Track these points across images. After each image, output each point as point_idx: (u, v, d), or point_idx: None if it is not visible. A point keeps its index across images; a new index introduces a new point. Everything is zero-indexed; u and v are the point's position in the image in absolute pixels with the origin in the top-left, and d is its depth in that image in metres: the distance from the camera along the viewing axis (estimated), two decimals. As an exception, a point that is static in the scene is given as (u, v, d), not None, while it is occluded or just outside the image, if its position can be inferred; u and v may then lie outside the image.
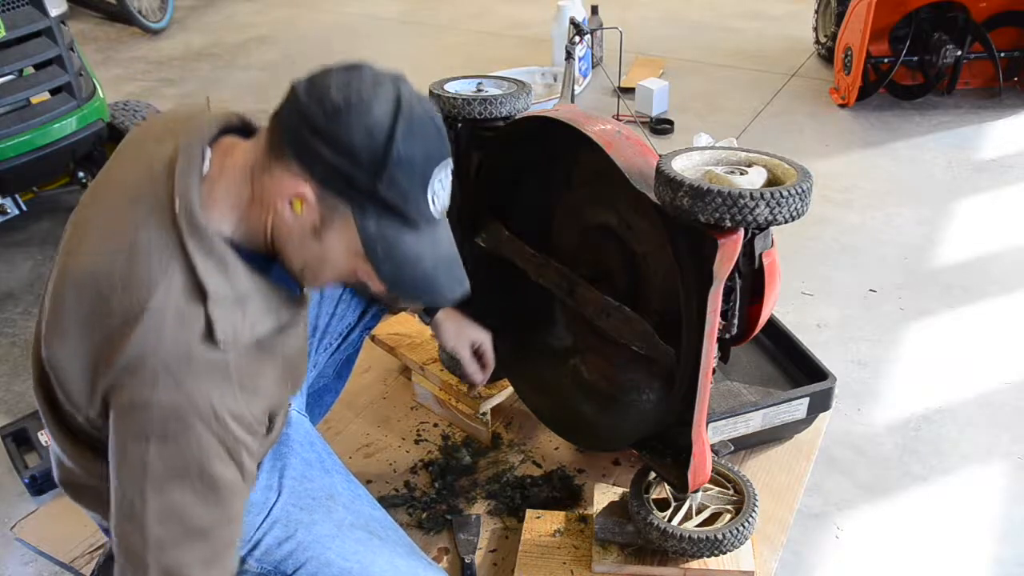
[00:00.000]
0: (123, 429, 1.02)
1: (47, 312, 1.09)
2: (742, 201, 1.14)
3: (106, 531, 1.36)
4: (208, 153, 1.09)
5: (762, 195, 1.15)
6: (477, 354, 1.72)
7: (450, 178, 1.07)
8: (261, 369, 1.10)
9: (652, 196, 1.28)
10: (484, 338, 1.71)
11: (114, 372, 1.00)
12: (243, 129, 1.16)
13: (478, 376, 1.72)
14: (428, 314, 1.70)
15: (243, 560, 1.31)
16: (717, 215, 1.16)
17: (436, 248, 1.09)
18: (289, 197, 1.02)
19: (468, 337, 1.70)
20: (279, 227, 1.06)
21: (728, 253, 1.22)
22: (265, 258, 1.11)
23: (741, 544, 1.49)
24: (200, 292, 1.01)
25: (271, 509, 1.33)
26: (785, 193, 1.16)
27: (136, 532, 1.03)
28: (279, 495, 1.35)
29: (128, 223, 1.05)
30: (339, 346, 1.71)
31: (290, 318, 1.14)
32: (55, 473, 1.30)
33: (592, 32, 3.96)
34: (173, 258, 1.01)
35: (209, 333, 1.01)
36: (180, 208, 1.02)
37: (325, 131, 0.98)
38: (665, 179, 1.21)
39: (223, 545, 1.09)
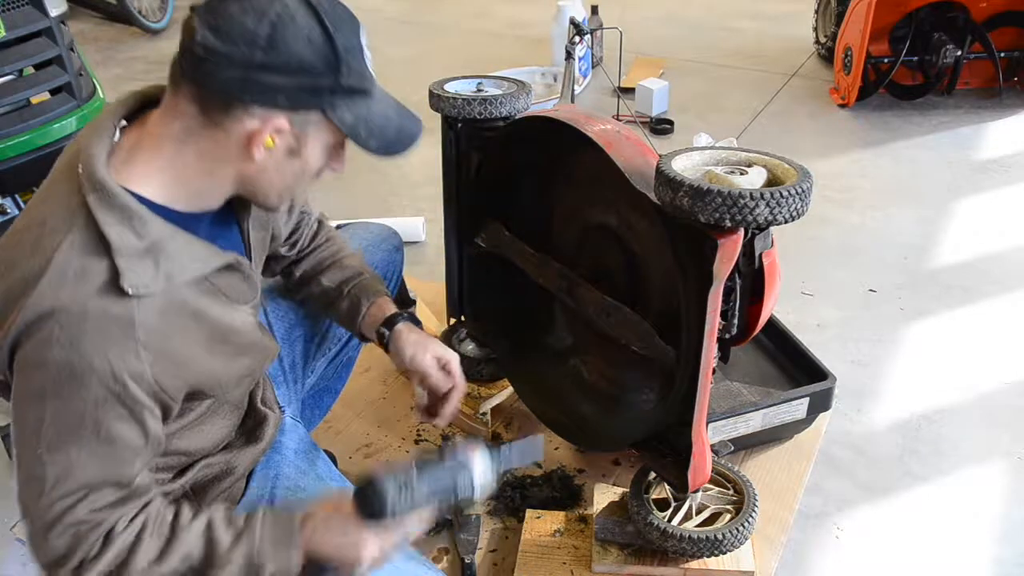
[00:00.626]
0: (21, 387, 1.01)
1: None
2: (742, 201, 1.14)
3: None
4: (121, 124, 1.08)
5: (762, 195, 1.15)
6: (444, 370, 1.47)
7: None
8: (178, 332, 1.05)
9: (652, 196, 1.28)
10: (451, 356, 1.48)
11: (15, 331, 0.98)
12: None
13: (443, 386, 1.46)
14: (388, 326, 1.47)
15: None
16: (717, 215, 1.16)
17: (387, 102, 1.13)
18: (265, 137, 1.02)
19: (433, 351, 1.46)
20: (248, 171, 1.06)
21: (728, 253, 1.22)
22: (197, 217, 1.09)
23: (741, 544, 1.49)
24: (104, 245, 0.98)
25: None
26: (785, 193, 1.16)
27: (34, 491, 1.00)
28: (272, 504, 1.34)
29: (42, 201, 1.06)
30: (339, 352, 1.70)
31: (230, 285, 1.13)
32: None
33: (592, 32, 3.96)
34: (75, 216, 1.00)
35: (115, 284, 0.98)
36: (82, 170, 1.01)
37: (271, 63, 0.98)
38: (665, 179, 1.21)
39: (122, 493, 1.05)
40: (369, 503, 1.13)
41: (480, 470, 1.19)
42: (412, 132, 1.17)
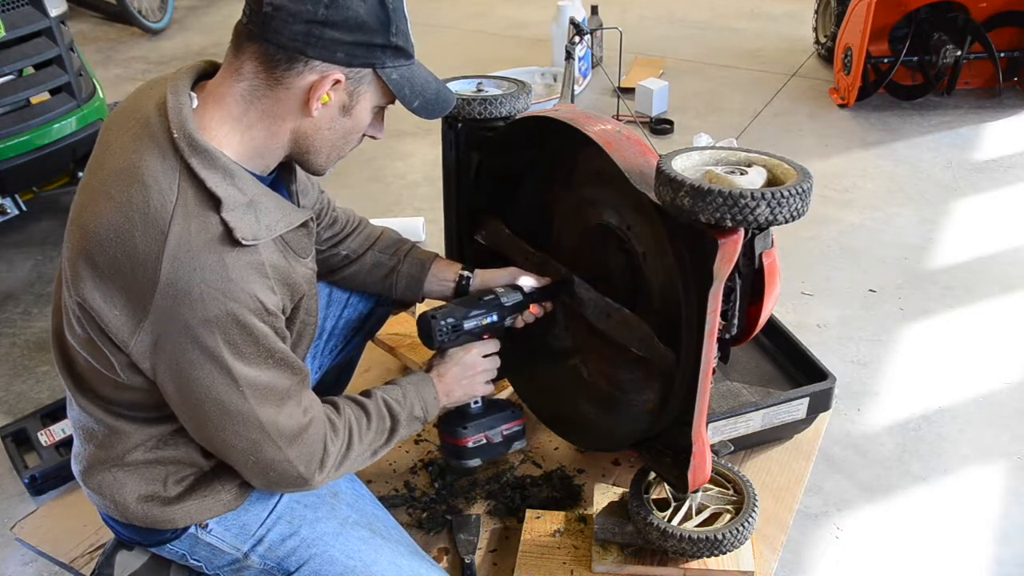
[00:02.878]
0: (189, 350, 1.08)
1: (68, 269, 1.12)
2: (743, 201, 1.14)
3: (108, 520, 1.36)
4: (192, 94, 1.15)
5: (763, 195, 1.15)
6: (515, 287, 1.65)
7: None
8: (290, 265, 1.19)
9: (652, 196, 1.28)
10: (513, 274, 1.64)
11: (161, 303, 1.05)
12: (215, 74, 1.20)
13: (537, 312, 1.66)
14: (467, 273, 1.67)
15: (246, 556, 1.32)
16: (718, 215, 1.16)
17: (426, 70, 1.23)
18: (325, 90, 1.11)
19: (510, 278, 1.64)
20: (304, 128, 1.15)
21: (728, 253, 1.22)
22: (266, 180, 1.19)
23: (741, 544, 1.49)
24: (213, 201, 1.07)
25: (275, 505, 1.34)
26: (786, 193, 1.16)
27: (249, 426, 1.15)
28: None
29: (132, 166, 1.09)
30: (343, 349, 1.72)
31: (298, 240, 1.23)
32: (77, 451, 1.30)
33: (592, 32, 3.96)
34: (181, 178, 1.07)
35: (230, 236, 1.07)
36: (178, 133, 1.08)
37: (331, 19, 1.07)
38: (666, 179, 1.21)
39: (300, 389, 1.21)
40: (424, 332, 1.48)
41: (509, 301, 1.55)
42: (449, 97, 1.25)
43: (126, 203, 1.06)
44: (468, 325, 1.49)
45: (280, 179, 1.29)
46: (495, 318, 1.52)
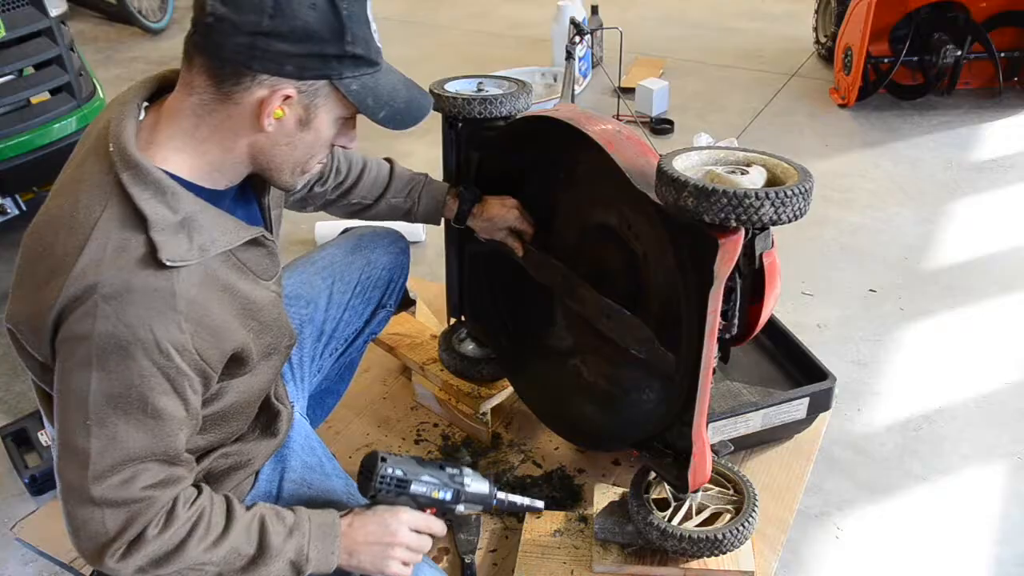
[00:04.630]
0: (66, 361, 1.02)
1: (12, 287, 1.10)
2: (747, 201, 1.14)
3: None
4: (143, 106, 1.12)
5: (767, 195, 1.15)
6: (516, 232, 1.72)
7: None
8: (213, 303, 1.08)
9: (653, 196, 1.28)
10: (513, 219, 1.70)
11: (59, 306, 1.00)
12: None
13: (519, 250, 1.73)
14: (458, 221, 1.72)
15: None
16: (723, 215, 1.16)
17: (395, 75, 1.15)
18: (275, 106, 1.03)
19: (499, 227, 1.71)
20: (260, 144, 1.08)
21: (729, 253, 1.22)
22: (219, 194, 1.12)
23: (741, 544, 1.49)
24: (140, 220, 1.01)
25: None
26: (790, 192, 1.16)
27: (80, 465, 1.02)
28: (278, 499, 1.36)
29: (71, 180, 1.07)
30: (344, 350, 1.72)
31: (256, 261, 1.15)
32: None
33: (592, 32, 3.96)
34: (111, 193, 1.02)
35: (154, 257, 1.00)
36: (113, 147, 1.04)
37: (277, 30, 0.99)
38: (668, 179, 1.21)
39: (167, 468, 1.07)
40: (364, 471, 1.24)
41: (472, 488, 1.30)
42: (422, 105, 1.17)
43: (56, 214, 1.05)
44: (415, 488, 1.25)
45: (250, 192, 1.24)
46: (448, 497, 1.28)
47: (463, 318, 2.04)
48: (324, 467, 1.44)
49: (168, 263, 1.01)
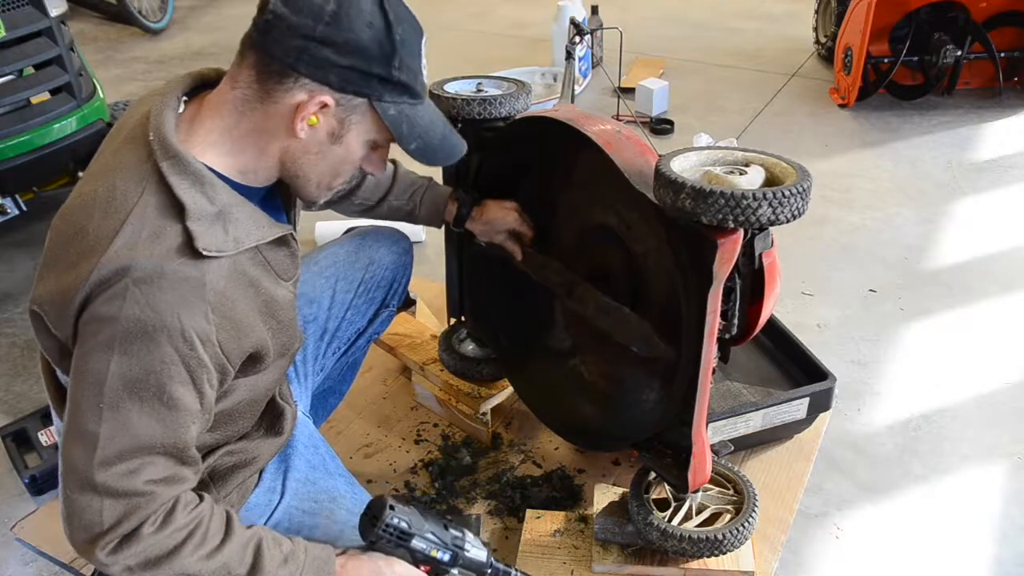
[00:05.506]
0: (88, 341, 1.01)
1: (38, 269, 1.10)
2: (745, 202, 1.14)
3: None
4: (183, 99, 1.13)
5: (764, 195, 1.15)
6: (515, 234, 1.73)
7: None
8: (239, 298, 1.09)
9: (652, 197, 1.28)
10: (512, 221, 1.71)
11: (88, 286, 1.00)
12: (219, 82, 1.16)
13: (518, 254, 1.73)
14: (457, 224, 1.73)
15: None
16: (720, 216, 1.16)
17: (436, 113, 1.17)
18: (311, 112, 1.05)
19: (498, 230, 1.72)
20: (293, 150, 1.10)
21: (728, 253, 1.22)
22: (255, 191, 1.14)
23: (741, 544, 1.49)
24: (178, 208, 1.03)
25: (274, 511, 1.34)
26: (787, 192, 1.16)
27: (87, 448, 1.00)
28: (282, 497, 1.36)
29: (107, 168, 1.08)
30: (347, 350, 1.71)
31: (279, 261, 1.16)
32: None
33: (592, 32, 3.96)
34: (149, 180, 1.04)
35: (189, 246, 1.02)
36: (153, 137, 1.05)
37: (329, 38, 1.02)
38: (666, 181, 1.21)
39: (174, 464, 1.06)
40: (368, 516, 1.23)
41: (471, 554, 1.29)
42: (456, 146, 1.20)
43: (91, 198, 1.05)
44: (416, 544, 1.24)
45: (278, 194, 1.25)
46: (445, 558, 1.27)
47: (463, 318, 2.04)
48: (327, 466, 1.44)
49: (204, 252, 1.02)
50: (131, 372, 1.00)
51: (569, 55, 3.22)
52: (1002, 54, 3.70)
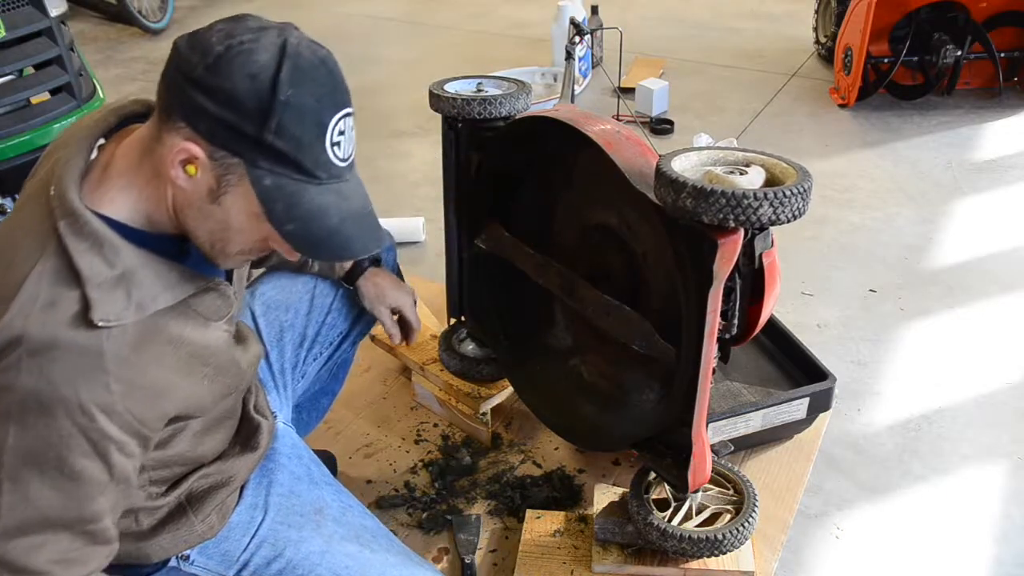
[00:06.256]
0: None
1: None
2: (746, 202, 1.14)
3: None
4: (99, 142, 1.05)
5: (765, 195, 1.15)
6: (399, 319, 1.67)
7: (352, 126, 1.01)
8: (152, 361, 1.02)
9: (652, 197, 1.28)
10: (405, 303, 1.66)
11: None
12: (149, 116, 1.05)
13: (396, 337, 1.69)
14: (348, 281, 1.63)
15: None
16: (721, 216, 1.16)
17: (343, 202, 1.01)
18: (181, 160, 0.95)
19: (386, 301, 1.65)
20: (178, 198, 1.00)
21: (728, 253, 1.22)
22: (179, 240, 1.05)
23: (741, 544, 1.49)
24: (75, 273, 0.95)
25: (257, 529, 1.31)
26: (788, 192, 1.16)
27: None
28: (265, 514, 1.33)
29: (14, 223, 1.03)
30: (331, 355, 1.67)
31: (207, 304, 1.09)
32: None
33: (592, 32, 3.96)
34: (47, 242, 0.97)
35: (85, 315, 0.94)
36: (54, 192, 0.99)
37: (206, 81, 0.92)
38: (667, 180, 1.21)
39: (80, 543, 1.01)
40: None
41: None
42: (350, 244, 1.02)
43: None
44: None
45: None
46: None
47: (463, 318, 2.04)
48: (313, 476, 1.42)
49: (100, 323, 0.94)
50: (29, 444, 0.94)
51: (569, 55, 3.22)
52: (1002, 54, 3.70)
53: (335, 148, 0.98)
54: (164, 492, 1.21)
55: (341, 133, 0.98)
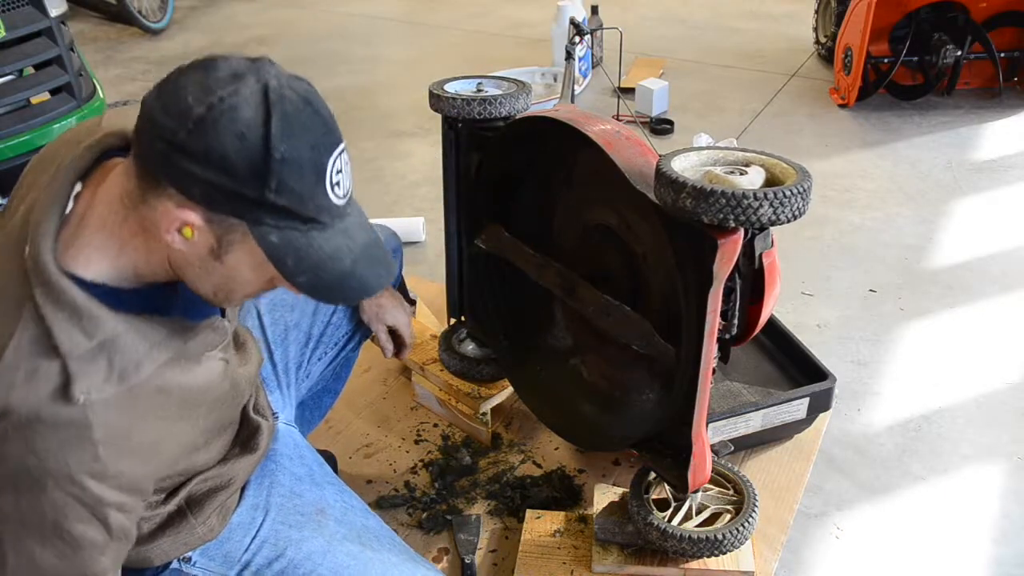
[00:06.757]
0: None
1: None
2: (746, 202, 1.14)
3: None
4: (77, 188, 0.99)
5: (765, 195, 1.15)
6: (393, 334, 1.68)
7: (348, 161, 0.97)
8: (142, 419, 1.00)
9: (652, 197, 1.28)
10: (402, 322, 1.66)
11: None
12: (128, 148, 0.99)
13: (388, 352, 1.68)
14: None
15: None
16: (721, 216, 1.16)
17: (350, 240, 0.98)
18: (176, 227, 0.91)
19: (384, 320, 1.65)
20: (176, 258, 0.96)
21: (728, 253, 1.22)
22: (167, 286, 1.02)
23: (741, 544, 1.49)
24: (54, 345, 0.92)
25: (259, 529, 1.31)
26: (788, 192, 1.16)
27: None
28: (266, 514, 1.33)
29: None
30: (336, 355, 1.67)
31: (197, 343, 1.07)
32: None
33: (592, 32, 3.96)
34: (24, 307, 0.93)
35: (66, 390, 0.91)
36: (29, 253, 0.94)
37: (191, 147, 0.86)
38: (667, 180, 1.21)
39: None
40: None
41: None
42: (364, 284, 1.00)
43: None
44: None
45: None
46: None
47: (463, 318, 2.04)
48: (315, 476, 1.42)
49: (80, 398, 0.92)
50: (26, 514, 0.94)
51: (569, 55, 3.22)
52: (1002, 54, 3.70)
53: (335, 188, 0.94)
54: (164, 500, 1.21)
55: (339, 171, 0.95)
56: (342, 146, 0.95)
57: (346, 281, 0.97)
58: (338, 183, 0.95)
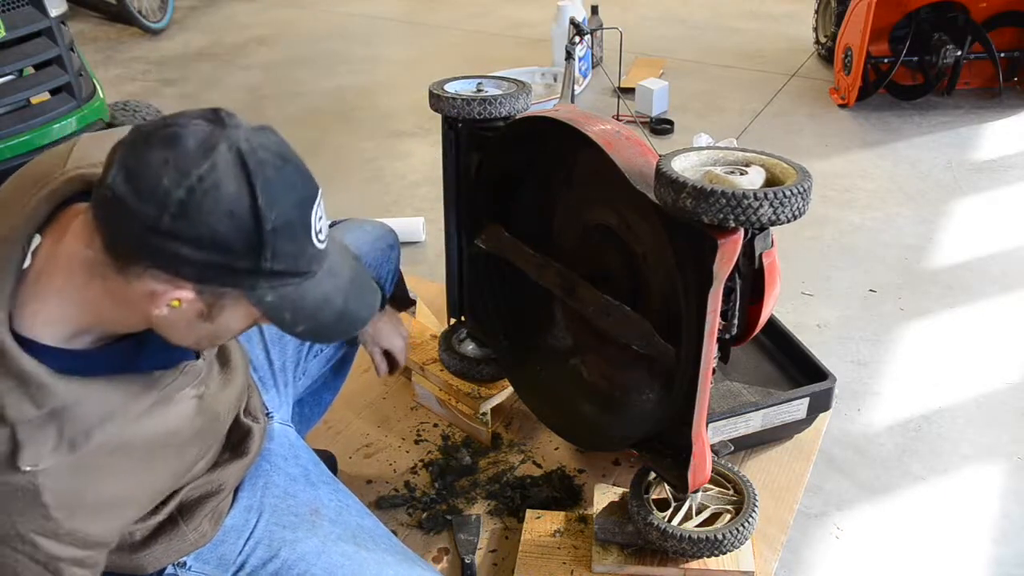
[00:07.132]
0: None
1: None
2: (746, 202, 1.14)
3: None
4: (36, 241, 0.94)
5: (765, 195, 1.15)
6: (388, 355, 1.70)
7: (323, 205, 0.96)
8: (97, 478, 0.98)
9: (652, 197, 1.28)
10: (397, 346, 1.68)
11: None
12: (88, 192, 0.95)
13: (382, 372, 1.70)
14: None
15: None
16: (721, 216, 1.16)
17: (337, 279, 0.99)
18: (165, 302, 0.89)
19: (381, 343, 1.67)
20: (158, 322, 0.94)
21: (728, 253, 1.22)
22: (133, 338, 1.00)
23: (741, 544, 1.49)
24: (1, 414, 0.90)
25: (253, 531, 1.31)
26: (788, 192, 1.16)
27: None
28: (260, 515, 1.33)
29: None
30: (334, 353, 1.67)
31: (167, 391, 1.05)
32: None
33: (592, 32, 3.96)
34: None
35: (12, 459, 0.90)
36: None
37: (178, 231, 0.83)
38: (667, 180, 1.21)
39: None
40: None
41: None
42: (358, 317, 1.02)
43: None
44: None
45: None
46: None
47: (463, 318, 2.04)
48: (309, 476, 1.41)
49: (26, 468, 0.90)
50: None
51: (569, 55, 3.22)
52: (1002, 54, 3.70)
53: (319, 235, 0.94)
54: (154, 510, 1.20)
55: (320, 218, 0.94)
56: (318, 192, 0.95)
57: (341, 319, 0.99)
58: (320, 229, 0.94)
